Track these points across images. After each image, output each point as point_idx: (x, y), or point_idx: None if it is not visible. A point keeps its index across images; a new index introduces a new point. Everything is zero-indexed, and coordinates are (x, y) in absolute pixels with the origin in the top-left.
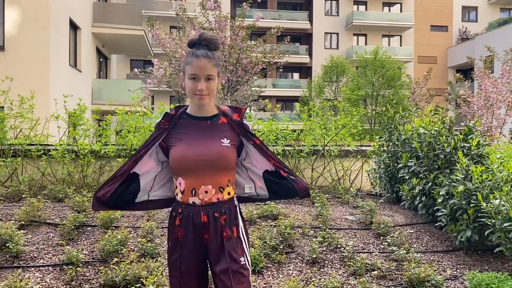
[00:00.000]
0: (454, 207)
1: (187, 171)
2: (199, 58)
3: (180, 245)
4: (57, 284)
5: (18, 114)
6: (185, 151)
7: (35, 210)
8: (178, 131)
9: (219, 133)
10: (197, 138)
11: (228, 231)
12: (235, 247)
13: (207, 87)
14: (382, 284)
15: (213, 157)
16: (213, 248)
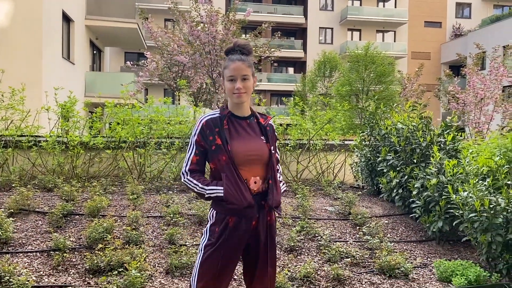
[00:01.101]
0: (427, 199)
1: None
2: (235, 61)
3: (230, 231)
4: (44, 268)
5: (9, 106)
6: (237, 147)
7: (24, 199)
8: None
9: (258, 132)
10: (241, 135)
11: (271, 215)
12: (275, 230)
13: (244, 86)
14: (354, 270)
15: (259, 153)
16: (260, 232)
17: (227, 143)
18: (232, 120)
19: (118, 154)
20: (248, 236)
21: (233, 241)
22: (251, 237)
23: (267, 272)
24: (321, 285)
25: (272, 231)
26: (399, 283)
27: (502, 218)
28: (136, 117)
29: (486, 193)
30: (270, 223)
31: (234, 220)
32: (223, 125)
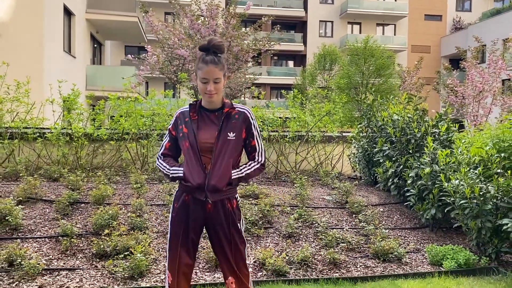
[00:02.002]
0: (421, 188)
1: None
2: (208, 64)
3: (185, 207)
4: (53, 253)
5: (15, 98)
6: (199, 136)
7: (32, 188)
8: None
9: (225, 123)
10: (206, 126)
11: (230, 202)
12: (232, 216)
13: (215, 87)
14: (350, 255)
15: (213, 141)
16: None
17: (193, 131)
18: (202, 113)
19: (121, 146)
20: (204, 218)
21: (188, 216)
22: (207, 220)
23: (229, 252)
24: (318, 268)
25: (228, 216)
26: (392, 266)
27: (491, 204)
28: (138, 109)
29: (477, 181)
30: (227, 209)
31: (189, 199)
32: (191, 117)
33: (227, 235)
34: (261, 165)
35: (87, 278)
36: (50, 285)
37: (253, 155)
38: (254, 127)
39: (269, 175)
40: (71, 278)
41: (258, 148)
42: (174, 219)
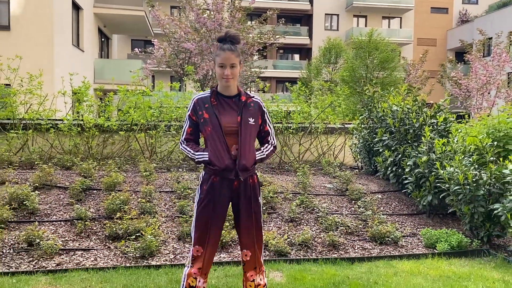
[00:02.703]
0: (418, 175)
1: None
2: (225, 51)
3: (214, 188)
4: (68, 235)
5: (28, 91)
6: (222, 120)
7: (47, 175)
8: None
9: (237, 108)
10: (226, 111)
11: (252, 178)
12: (256, 191)
13: (231, 72)
14: (348, 238)
15: (235, 125)
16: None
17: (215, 116)
18: (220, 99)
19: (130, 136)
20: (231, 194)
21: (217, 197)
22: (234, 195)
23: (251, 225)
24: (318, 250)
25: (251, 191)
26: (389, 248)
27: (484, 190)
28: (147, 101)
29: (471, 169)
30: (249, 184)
31: (217, 180)
32: (212, 102)
33: (250, 209)
34: (274, 147)
35: (101, 257)
36: (67, 263)
37: (266, 138)
38: (267, 115)
39: (273, 165)
40: (86, 257)
41: (271, 132)
42: (203, 200)
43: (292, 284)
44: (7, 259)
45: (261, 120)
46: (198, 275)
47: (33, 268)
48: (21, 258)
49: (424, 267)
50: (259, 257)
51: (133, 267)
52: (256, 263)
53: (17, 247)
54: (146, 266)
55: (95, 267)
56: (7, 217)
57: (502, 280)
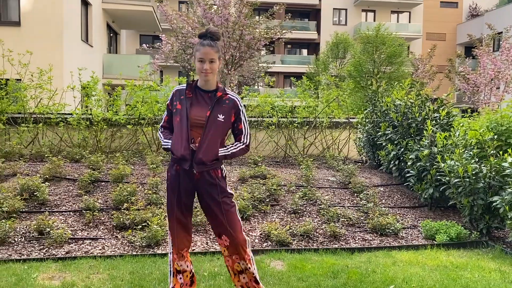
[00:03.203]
0: (420, 169)
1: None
2: (205, 46)
3: (175, 175)
4: (77, 225)
5: (38, 85)
6: (191, 112)
7: (56, 167)
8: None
9: (217, 105)
10: (199, 104)
11: (215, 171)
12: (216, 184)
13: (210, 67)
14: (350, 229)
15: (203, 119)
16: (202, 184)
17: (186, 108)
18: (197, 92)
19: (138, 130)
20: (194, 185)
21: (179, 185)
22: (197, 187)
23: (220, 214)
24: (319, 240)
25: (214, 183)
26: (389, 239)
27: (483, 183)
28: (154, 96)
29: (472, 162)
30: (213, 177)
31: (179, 168)
32: (186, 95)
33: (216, 199)
34: (246, 146)
35: (109, 246)
36: (76, 251)
37: (239, 137)
38: (242, 113)
39: (278, 159)
40: (94, 246)
41: (244, 131)
42: (169, 186)
43: (292, 272)
44: (19, 247)
45: (234, 118)
46: (177, 260)
47: (43, 255)
48: (32, 246)
49: (423, 257)
50: (243, 245)
51: (139, 255)
52: (238, 247)
53: (28, 236)
54: (151, 255)
55: (103, 255)
56: (19, 207)
57: (498, 270)
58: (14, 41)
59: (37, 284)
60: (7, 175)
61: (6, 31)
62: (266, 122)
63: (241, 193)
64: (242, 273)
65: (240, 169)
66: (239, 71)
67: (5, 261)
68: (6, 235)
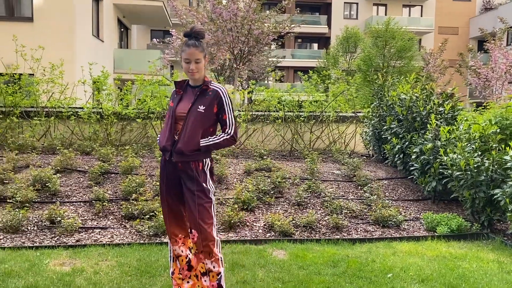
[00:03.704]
0: (424, 162)
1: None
2: (190, 47)
3: (163, 164)
4: (87, 215)
5: (50, 80)
6: (177, 107)
7: (67, 160)
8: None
9: (199, 97)
10: (186, 99)
11: (195, 163)
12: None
13: (196, 67)
14: (352, 221)
15: (185, 112)
16: (183, 173)
17: (175, 104)
18: (187, 89)
19: (147, 124)
20: (178, 175)
21: (166, 173)
22: (181, 176)
23: (193, 206)
24: (321, 231)
25: (194, 174)
26: (390, 231)
27: (485, 176)
28: (162, 90)
29: (474, 155)
30: (193, 168)
31: (165, 158)
32: (177, 93)
33: (192, 191)
34: (230, 137)
35: (117, 235)
36: (85, 240)
37: (224, 127)
38: (226, 104)
39: (284, 152)
40: (103, 235)
41: (229, 122)
42: (159, 176)
43: (294, 261)
44: (31, 235)
45: (217, 109)
46: (175, 245)
47: (55, 243)
48: (44, 234)
49: (423, 248)
50: (211, 243)
51: (147, 244)
52: (203, 246)
53: (40, 225)
54: (158, 243)
55: (112, 243)
56: (32, 198)
57: (496, 260)
58: (27, 36)
59: (49, 269)
60: (20, 167)
61: (19, 27)
62: (272, 116)
63: (246, 185)
64: (205, 275)
65: (246, 162)
66: (248, 66)
67: (18, 248)
68: (20, 224)
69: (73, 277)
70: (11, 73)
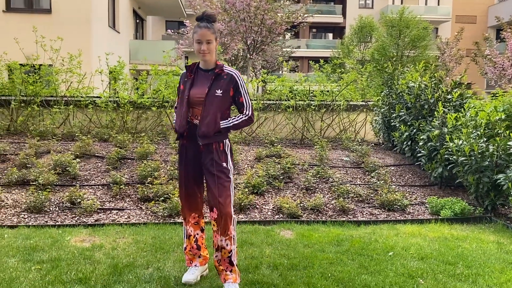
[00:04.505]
0: (430, 149)
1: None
2: (202, 28)
3: (181, 148)
4: (105, 197)
5: (68, 70)
6: (192, 91)
7: (86, 146)
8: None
9: (215, 82)
10: (199, 83)
11: (215, 144)
12: (216, 155)
13: (207, 47)
14: (358, 205)
15: (202, 96)
16: (204, 155)
17: (188, 88)
18: (198, 72)
19: (162, 112)
20: (198, 157)
21: (184, 155)
22: (200, 158)
23: (213, 185)
24: (328, 214)
25: (214, 155)
26: (395, 214)
27: (489, 161)
28: (177, 79)
29: (480, 141)
30: (213, 149)
31: (184, 142)
32: (188, 76)
33: (212, 172)
34: (248, 118)
35: (134, 215)
36: (104, 220)
37: (241, 109)
38: (241, 86)
39: (295, 140)
40: (120, 215)
41: (246, 104)
42: (178, 160)
43: (300, 240)
44: (53, 215)
45: (233, 92)
46: (187, 225)
47: (75, 222)
48: (65, 214)
49: (426, 230)
50: (229, 220)
51: (161, 224)
52: (222, 223)
53: (61, 206)
54: (172, 223)
55: (128, 223)
56: (53, 181)
57: (496, 242)
58: (46, 27)
59: (70, 245)
60: (42, 152)
61: (38, 18)
62: (284, 105)
63: (256, 171)
64: (217, 251)
65: (257, 149)
66: (262, 56)
67: (42, 226)
68: (43, 205)
69: (92, 252)
70: (31, 63)
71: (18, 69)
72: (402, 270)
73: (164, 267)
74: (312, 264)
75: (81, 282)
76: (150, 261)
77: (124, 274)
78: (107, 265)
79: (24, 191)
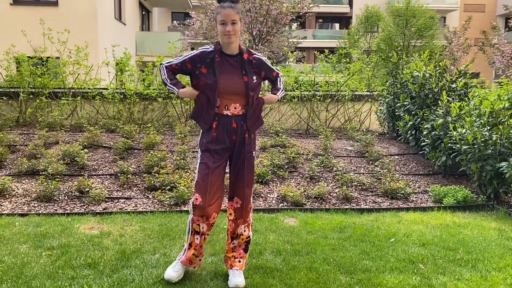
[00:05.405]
0: (434, 137)
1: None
2: (226, 8)
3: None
4: (113, 186)
5: (75, 62)
6: (222, 80)
7: (93, 136)
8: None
9: (240, 67)
10: (227, 71)
11: (249, 134)
12: (251, 144)
13: (233, 28)
14: (362, 193)
15: (237, 86)
16: (238, 145)
17: (214, 73)
18: (222, 57)
19: (168, 103)
20: (230, 146)
21: (212, 150)
22: (233, 147)
23: (245, 177)
24: (331, 202)
25: (246, 145)
26: (398, 202)
27: (492, 150)
28: None
29: (483, 130)
30: (246, 139)
31: (211, 135)
32: (215, 58)
33: (243, 160)
34: (283, 88)
35: (141, 204)
36: (111, 208)
37: (275, 85)
38: (269, 63)
39: (300, 131)
40: (128, 204)
41: (280, 79)
42: (204, 154)
43: (303, 227)
44: (63, 203)
45: (264, 73)
46: (200, 222)
47: (84, 210)
48: (74, 203)
49: (428, 217)
50: (248, 209)
51: (167, 212)
52: (244, 212)
53: (70, 195)
54: (178, 211)
55: (135, 211)
56: (62, 170)
57: (498, 229)
58: (53, 20)
59: (79, 232)
60: (50, 143)
61: (45, 11)
62: (289, 95)
63: (261, 160)
64: (236, 238)
65: (261, 139)
66: (268, 47)
67: (51, 214)
68: (52, 194)
69: (101, 239)
70: (39, 56)
71: (26, 62)
72: (403, 256)
73: (170, 253)
74: (314, 250)
75: (90, 267)
76: (156, 247)
77: (132, 260)
78: (115, 251)
79: (34, 180)
